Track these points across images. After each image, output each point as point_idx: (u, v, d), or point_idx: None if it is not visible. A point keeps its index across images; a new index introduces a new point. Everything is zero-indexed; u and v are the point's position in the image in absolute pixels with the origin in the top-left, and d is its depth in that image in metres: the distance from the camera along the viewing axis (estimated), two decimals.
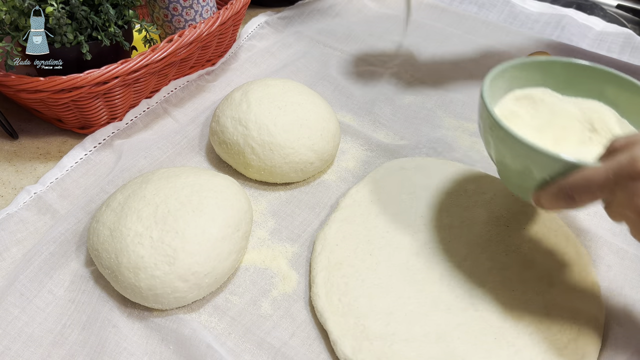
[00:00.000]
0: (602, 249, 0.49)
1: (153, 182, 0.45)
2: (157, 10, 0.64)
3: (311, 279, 0.45)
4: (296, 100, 0.54)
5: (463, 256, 0.46)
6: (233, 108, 0.53)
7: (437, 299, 0.43)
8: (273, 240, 0.49)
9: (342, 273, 0.44)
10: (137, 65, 0.53)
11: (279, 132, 0.51)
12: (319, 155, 0.53)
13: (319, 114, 0.54)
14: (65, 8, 0.50)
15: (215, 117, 0.55)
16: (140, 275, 0.40)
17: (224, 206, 0.44)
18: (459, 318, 0.42)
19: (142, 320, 0.43)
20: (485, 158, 0.58)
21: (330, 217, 0.49)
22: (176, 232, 0.41)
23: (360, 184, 0.52)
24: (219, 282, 0.43)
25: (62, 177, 0.53)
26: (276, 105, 0.53)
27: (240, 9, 0.63)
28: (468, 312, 0.42)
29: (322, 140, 0.53)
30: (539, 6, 0.84)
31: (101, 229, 0.43)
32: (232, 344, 0.42)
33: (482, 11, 0.84)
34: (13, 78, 0.49)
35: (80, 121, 0.57)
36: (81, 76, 0.50)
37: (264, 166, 0.51)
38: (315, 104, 0.55)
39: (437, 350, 0.40)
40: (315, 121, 0.53)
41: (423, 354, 0.39)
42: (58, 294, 0.44)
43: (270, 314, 0.44)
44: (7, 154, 0.57)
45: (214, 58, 0.69)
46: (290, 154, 0.51)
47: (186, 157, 0.57)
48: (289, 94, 0.54)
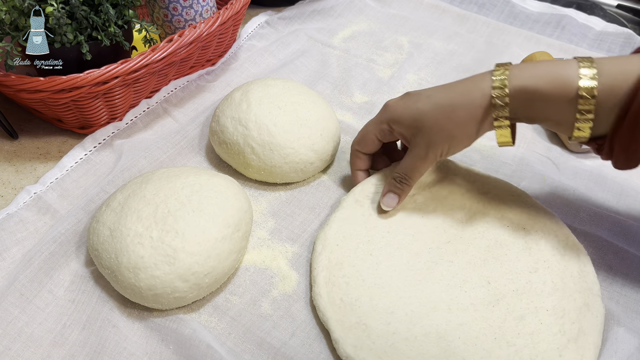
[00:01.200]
0: (602, 249, 0.49)
1: (153, 182, 0.45)
2: (157, 10, 0.64)
3: (312, 278, 0.45)
4: (296, 100, 0.54)
5: (464, 256, 0.46)
6: (233, 108, 0.53)
7: (438, 298, 0.43)
8: (273, 240, 0.49)
9: (343, 273, 0.44)
10: (137, 65, 0.53)
11: (279, 132, 0.51)
12: (319, 155, 0.53)
13: (319, 114, 0.54)
14: (65, 8, 0.50)
15: (215, 117, 0.55)
16: (140, 275, 0.40)
17: (224, 206, 0.44)
18: (460, 318, 0.42)
19: (142, 320, 0.43)
20: (486, 158, 0.58)
21: (331, 217, 0.49)
22: (176, 232, 0.41)
23: (360, 184, 0.52)
24: (219, 282, 0.43)
25: (62, 177, 0.53)
26: (276, 105, 0.53)
27: (240, 8, 0.63)
28: (468, 312, 0.42)
29: (322, 140, 0.53)
30: (539, 6, 0.84)
31: (101, 229, 0.43)
32: (232, 343, 0.42)
33: (482, 11, 0.85)
34: (13, 78, 0.49)
35: (80, 121, 0.57)
36: (81, 76, 0.50)
37: (263, 166, 0.51)
38: (315, 103, 0.55)
39: (438, 349, 0.40)
40: (316, 121, 0.53)
41: (423, 353, 0.39)
42: (58, 294, 0.44)
43: (270, 314, 0.44)
44: (7, 154, 0.57)
45: (214, 58, 0.69)
46: (290, 154, 0.51)
47: (186, 157, 0.57)
48: (289, 94, 0.54)
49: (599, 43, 0.78)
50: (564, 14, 0.82)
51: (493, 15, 0.84)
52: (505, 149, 0.59)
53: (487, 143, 0.60)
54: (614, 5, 0.91)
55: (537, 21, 0.82)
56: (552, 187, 0.55)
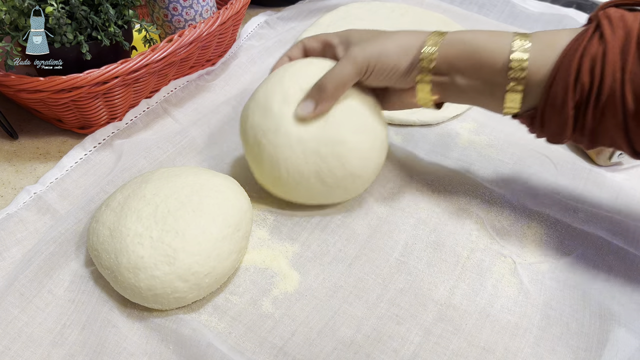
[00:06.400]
0: (602, 249, 0.49)
1: (153, 182, 0.45)
2: (157, 10, 0.64)
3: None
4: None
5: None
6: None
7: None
8: (273, 240, 0.49)
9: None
10: (137, 65, 0.53)
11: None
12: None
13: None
14: (65, 8, 0.50)
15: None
16: (140, 275, 0.40)
17: (224, 206, 0.44)
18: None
19: (142, 320, 0.43)
20: (484, 157, 0.58)
21: None
22: (176, 232, 0.41)
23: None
24: (219, 282, 0.43)
25: (62, 177, 0.53)
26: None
27: (240, 8, 0.63)
28: None
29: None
30: (539, 6, 0.84)
31: (101, 229, 0.43)
32: (232, 342, 0.42)
33: (482, 11, 0.85)
34: (13, 78, 0.49)
35: (80, 121, 0.57)
36: (81, 76, 0.50)
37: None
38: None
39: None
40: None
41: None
42: (58, 294, 0.44)
43: (271, 313, 0.44)
44: (7, 154, 0.57)
45: (214, 58, 0.69)
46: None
47: (186, 157, 0.57)
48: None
49: None
50: (564, 14, 0.82)
51: (493, 15, 0.84)
52: (503, 146, 0.59)
53: (487, 143, 0.60)
54: None
55: (537, 21, 0.82)
56: (551, 187, 0.55)
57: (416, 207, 0.53)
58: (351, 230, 0.50)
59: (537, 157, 0.58)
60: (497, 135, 0.61)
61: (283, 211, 0.52)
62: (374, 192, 0.54)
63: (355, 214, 0.52)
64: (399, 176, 0.56)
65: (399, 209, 0.52)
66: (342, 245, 0.49)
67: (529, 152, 0.59)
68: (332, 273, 0.47)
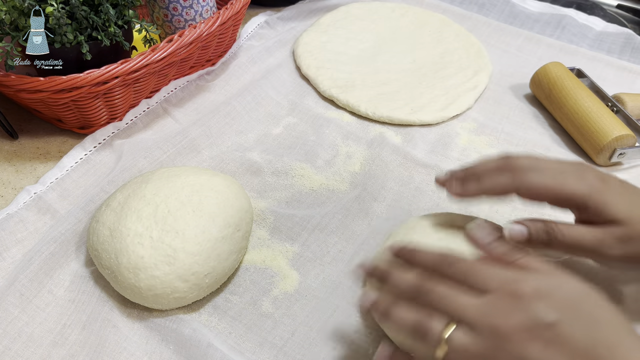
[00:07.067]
0: None
1: (153, 182, 0.45)
2: (157, 10, 0.64)
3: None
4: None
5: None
6: None
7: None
8: (273, 240, 0.49)
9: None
10: (137, 65, 0.53)
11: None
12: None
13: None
14: (65, 8, 0.50)
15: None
16: (140, 275, 0.40)
17: (224, 206, 0.44)
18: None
19: (142, 320, 0.43)
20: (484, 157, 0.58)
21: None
22: (176, 232, 0.41)
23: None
24: (219, 282, 0.43)
25: (62, 177, 0.53)
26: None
27: (240, 8, 0.63)
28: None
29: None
30: (539, 6, 0.84)
31: (101, 229, 0.43)
32: (232, 342, 0.42)
33: (482, 11, 0.85)
34: (13, 78, 0.49)
35: (80, 121, 0.57)
36: (81, 76, 0.50)
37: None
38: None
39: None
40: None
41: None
42: (58, 294, 0.44)
43: (271, 313, 0.44)
44: (7, 154, 0.57)
45: (214, 58, 0.69)
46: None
47: (186, 157, 0.57)
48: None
49: (599, 43, 0.78)
50: (564, 14, 0.82)
51: (493, 15, 0.84)
52: (503, 146, 0.59)
53: (487, 143, 0.60)
54: (614, 5, 0.91)
55: (537, 21, 0.82)
56: None
57: (416, 207, 0.53)
58: (351, 230, 0.50)
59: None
60: (497, 135, 0.61)
61: (283, 211, 0.52)
62: (374, 192, 0.54)
63: (355, 214, 0.52)
64: (399, 176, 0.56)
65: (398, 208, 0.52)
66: (342, 246, 0.49)
67: (529, 152, 0.59)
68: (332, 273, 0.47)
